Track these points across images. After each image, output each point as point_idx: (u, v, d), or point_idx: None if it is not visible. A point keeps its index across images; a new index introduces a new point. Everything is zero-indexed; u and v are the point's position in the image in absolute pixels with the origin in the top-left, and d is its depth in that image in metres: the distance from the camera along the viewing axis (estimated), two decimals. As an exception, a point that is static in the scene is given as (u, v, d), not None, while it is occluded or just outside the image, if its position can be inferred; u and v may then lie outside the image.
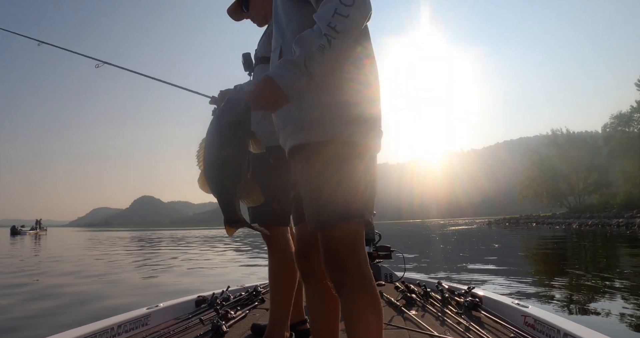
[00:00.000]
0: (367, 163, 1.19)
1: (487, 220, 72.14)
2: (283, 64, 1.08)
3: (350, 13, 1.07)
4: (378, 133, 1.21)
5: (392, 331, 2.19)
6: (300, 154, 1.21)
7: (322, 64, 1.07)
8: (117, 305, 5.38)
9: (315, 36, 1.07)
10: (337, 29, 1.06)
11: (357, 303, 1.15)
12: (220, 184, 1.11)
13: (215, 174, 1.11)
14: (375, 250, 3.95)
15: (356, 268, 1.16)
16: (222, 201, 1.12)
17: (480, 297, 2.73)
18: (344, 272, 1.16)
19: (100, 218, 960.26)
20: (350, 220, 1.14)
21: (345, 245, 1.16)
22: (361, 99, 1.18)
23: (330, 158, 1.15)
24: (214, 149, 1.12)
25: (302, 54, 1.06)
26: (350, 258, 1.16)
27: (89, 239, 33.71)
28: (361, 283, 1.16)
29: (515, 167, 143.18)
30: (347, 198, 1.14)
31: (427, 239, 23.72)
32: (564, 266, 8.96)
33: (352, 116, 1.15)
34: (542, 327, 2.08)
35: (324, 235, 1.18)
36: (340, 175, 1.14)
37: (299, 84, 1.08)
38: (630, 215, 30.39)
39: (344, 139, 1.15)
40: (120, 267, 10.69)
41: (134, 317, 2.28)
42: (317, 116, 1.15)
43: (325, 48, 1.06)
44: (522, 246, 16.43)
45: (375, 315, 1.15)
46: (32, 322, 4.61)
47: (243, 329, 2.29)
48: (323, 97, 1.15)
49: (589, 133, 58.73)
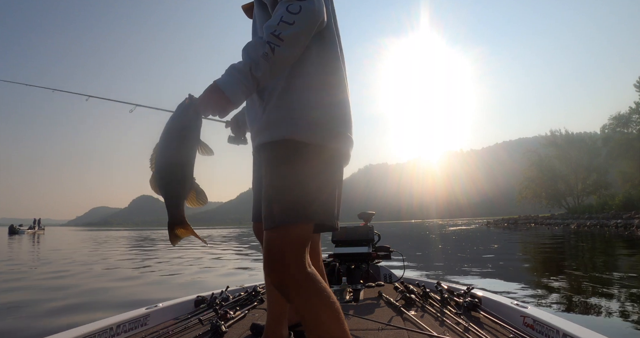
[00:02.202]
0: (324, 165, 1.22)
1: (486, 221, 72.20)
2: (230, 71, 1.12)
3: (295, 20, 1.10)
4: (339, 135, 1.25)
5: (391, 331, 2.19)
6: (262, 152, 1.26)
7: (268, 70, 1.11)
8: (117, 304, 5.37)
9: (260, 44, 1.10)
10: (281, 37, 1.09)
11: (308, 303, 1.15)
12: (168, 186, 1.17)
13: (163, 176, 1.18)
14: (375, 250, 3.95)
15: (298, 269, 1.16)
16: (169, 203, 1.18)
17: (480, 297, 2.73)
18: (285, 274, 1.16)
19: (99, 218, 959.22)
20: (299, 222, 1.16)
21: (287, 246, 1.16)
22: (321, 102, 1.22)
23: (285, 158, 1.19)
24: (164, 153, 1.18)
25: (247, 61, 1.10)
26: (291, 260, 1.16)
27: (90, 239, 33.69)
28: (305, 283, 1.16)
29: (514, 167, 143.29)
30: (295, 199, 1.16)
31: (426, 239, 23.72)
32: (562, 267, 8.97)
33: (310, 118, 1.20)
34: (541, 327, 2.08)
35: (268, 235, 1.19)
36: (292, 175, 1.18)
37: (245, 90, 1.12)
38: (629, 215, 30.42)
39: (299, 139, 1.18)
40: (121, 267, 10.68)
41: (132, 317, 2.27)
42: (278, 117, 1.20)
43: (268, 55, 1.09)
44: (521, 247, 16.43)
45: (329, 310, 1.16)
46: (31, 322, 4.60)
47: (242, 329, 2.29)
48: (285, 99, 1.21)
49: (588, 133, 58.75)
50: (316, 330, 1.14)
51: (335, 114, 1.25)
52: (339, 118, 1.26)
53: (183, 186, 1.17)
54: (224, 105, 1.13)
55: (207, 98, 1.14)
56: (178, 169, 1.17)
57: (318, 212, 1.20)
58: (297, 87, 1.22)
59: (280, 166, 1.20)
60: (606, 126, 46.90)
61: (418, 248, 15.46)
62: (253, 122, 1.30)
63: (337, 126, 1.25)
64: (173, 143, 1.17)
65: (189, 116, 1.18)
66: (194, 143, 1.19)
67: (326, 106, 1.23)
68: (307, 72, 1.22)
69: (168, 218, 1.19)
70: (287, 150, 1.19)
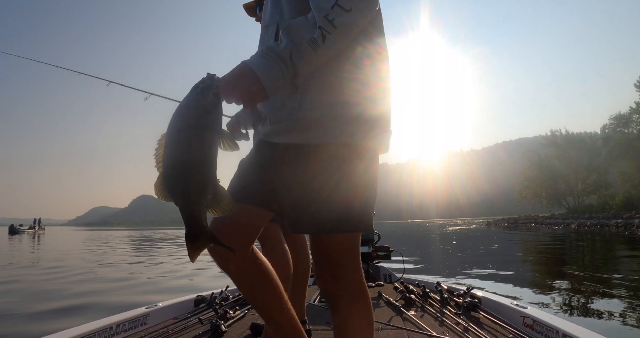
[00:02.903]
0: (367, 164, 1.11)
1: (486, 221, 72.17)
2: (266, 53, 0.92)
3: (353, 7, 0.92)
4: (380, 132, 1.13)
5: (391, 331, 2.19)
6: (296, 154, 1.09)
7: (311, 61, 0.93)
8: (116, 304, 5.37)
9: (308, 27, 0.92)
10: (334, 23, 0.91)
11: (355, 318, 1.09)
12: (184, 192, 0.94)
13: (178, 179, 0.94)
14: (375, 250, 3.95)
15: (356, 277, 1.10)
16: (186, 212, 0.96)
17: (479, 297, 2.73)
18: (343, 283, 1.08)
19: (99, 217, 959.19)
20: (351, 223, 1.06)
21: (346, 251, 1.08)
22: (361, 99, 1.08)
23: (330, 159, 1.06)
24: (177, 149, 0.94)
25: (289, 46, 0.91)
26: (350, 267, 1.09)
27: (90, 239, 33.69)
28: (360, 296, 1.10)
29: (514, 167, 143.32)
30: (347, 199, 1.06)
31: (426, 239, 23.72)
32: (562, 267, 8.96)
33: (352, 117, 1.06)
34: (541, 327, 2.08)
35: (323, 241, 1.08)
36: (340, 176, 1.06)
37: (281, 80, 0.92)
38: (629, 215, 30.43)
39: (343, 140, 1.06)
40: (120, 267, 10.68)
41: (132, 316, 2.27)
42: (317, 116, 1.04)
43: (317, 44, 0.91)
44: (521, 247, 16.43)
45: (369, 331, 1.10)
46: (29, 322, 4.60)
47: (242, 329, 2.29)
48: (324, 96, 1.04)
49: (588, 133, 58.81)
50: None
51: (375, 110, 1.11)
52: (378, 114, 1.12)
53: (204, 191, 0.94)
54: (255, 93, 0.92)
55: (234, 81, 0.93)
56: (197, 170, 0.94)
57: (367, 210, 1.10)
58: (334, 84, 1.05)
59: (326, 168, 1.05)
60: (606, 126, 46.96)
61: (418, 248, 15.45)
62: (276, 117, 1.10)
63: (376, 122, 1.11)
64: (189, 136, 0.93)
65: (208, 100, 0.95)
66: (215, 135, 0.96)
67: (365, 103, 1.09)
68: (342, 68, 1.05)
69: (185, 229, 0.97)
70: (331, 152, 1.05)
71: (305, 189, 1.08)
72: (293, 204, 1.09)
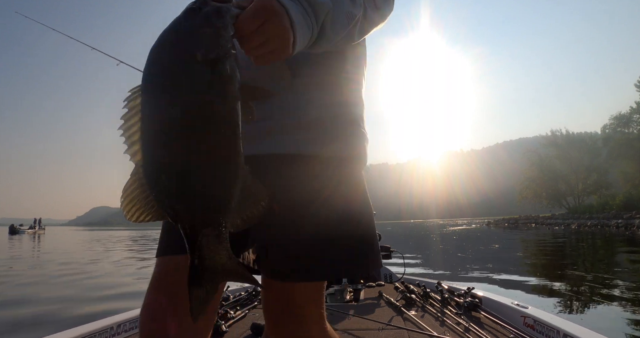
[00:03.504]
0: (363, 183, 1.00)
1: (486, 221, 72.17)
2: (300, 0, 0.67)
3: (381, 7, 0.86)
4: (365, 136, 1.00)
5: (391, 331, 2.20)
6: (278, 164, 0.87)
7: (339, 33, 0.73)
8: (116, 304, 5.37)
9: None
10: (377, 3, 0.83)
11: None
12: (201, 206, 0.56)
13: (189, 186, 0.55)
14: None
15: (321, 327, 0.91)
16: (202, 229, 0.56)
17: (480, 297, 2.73)
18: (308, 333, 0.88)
19: (100, 217, 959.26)
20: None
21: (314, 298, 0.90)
22: (357, 100, 0.99)
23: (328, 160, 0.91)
24: (171, 117, 0.54)
25: (328, 5, 0.69)
26: (317, 316, 0.89)
27: (91, 239, 33.71)
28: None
29: (514, 167, 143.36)
30: (347, 199, 0.92)
31: (426, 239, 23.72)
32: (563, 267, 8.96)
33: (350, 119, 0.96)
34: (541, 327, 2.08)
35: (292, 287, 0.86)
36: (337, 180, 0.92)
37: (307, 35, 0.67)
38: (630, 215, 30.43)
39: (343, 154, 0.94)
40: (121, 266, 10.68)
41: (133, 316, 2.27)
42: (316, 117, 0.90)
43: (355, 16, 0.75)
44: (522, 247, 16.43)
45: None
46: (27, 322, 4.60)
47: (242, 329, 2.29)
48: (324, 96, 0.92)
49: (588, 133, 58.91)
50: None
51: (362, 114, 1.01)
52: (363, 118, 1.01)
53: (230, 189, 0.57)
54: (284, 44, 0.63)
55: (263, 16, 0.60)
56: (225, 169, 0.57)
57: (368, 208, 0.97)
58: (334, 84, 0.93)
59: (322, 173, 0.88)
60: (607, 126, 47.02)
61: (418, 248, 15.45)
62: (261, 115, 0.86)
63: (362, 126, 0.99)
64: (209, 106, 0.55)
65: (230, 34, 0.58)
66: (234, 97, 0.57)
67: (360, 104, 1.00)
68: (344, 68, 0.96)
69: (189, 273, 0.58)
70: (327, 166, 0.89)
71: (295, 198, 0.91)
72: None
